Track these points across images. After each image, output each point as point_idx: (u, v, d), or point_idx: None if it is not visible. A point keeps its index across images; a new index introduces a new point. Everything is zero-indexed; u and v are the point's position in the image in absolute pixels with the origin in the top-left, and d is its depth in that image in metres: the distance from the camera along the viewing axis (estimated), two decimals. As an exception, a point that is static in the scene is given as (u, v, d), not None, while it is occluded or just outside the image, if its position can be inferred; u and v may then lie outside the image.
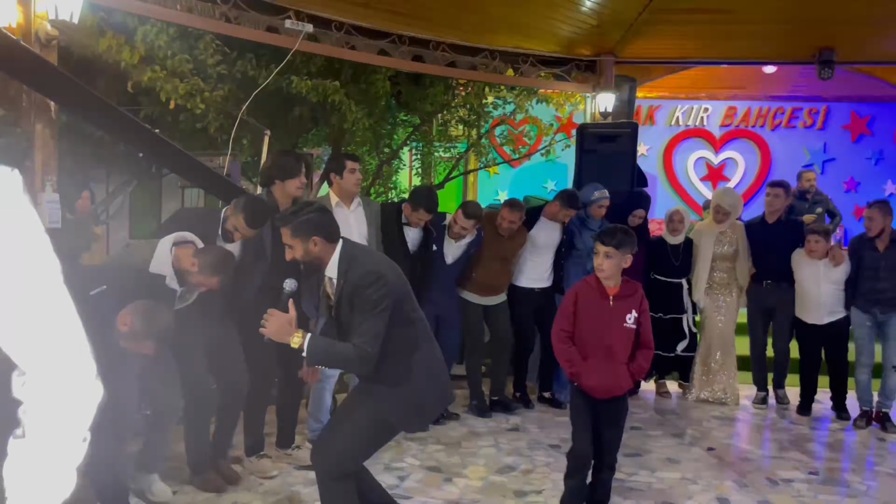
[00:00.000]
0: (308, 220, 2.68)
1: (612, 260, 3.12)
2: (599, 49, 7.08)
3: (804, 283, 5.27)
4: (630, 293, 3.19)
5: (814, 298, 5.22)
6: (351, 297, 2.64)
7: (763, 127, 11.64)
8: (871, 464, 4.47)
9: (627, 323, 3.15)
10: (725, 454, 4.52)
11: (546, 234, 5.32)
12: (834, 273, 5.16)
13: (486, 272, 5.10)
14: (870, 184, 11.23)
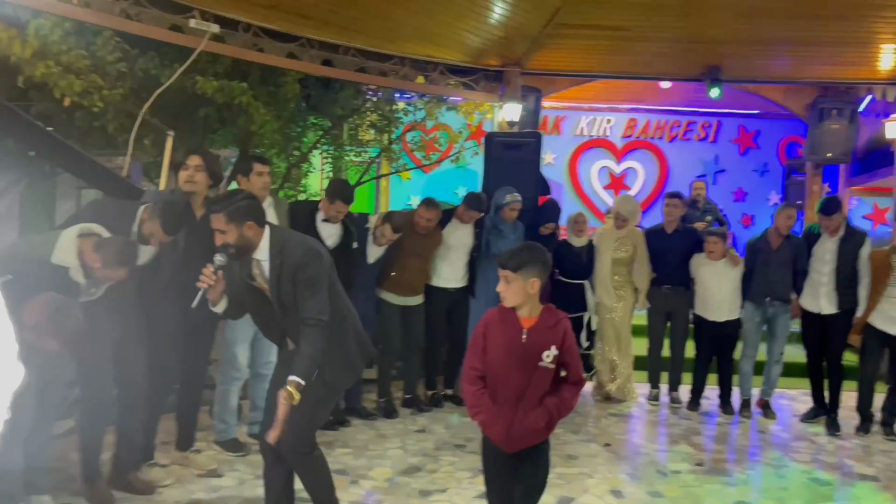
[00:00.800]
0: (242, 206, 2.81)
1: (511, 285, 2.56)
2: (506, 60, 7.30)
3: (706, 284, 5.63)
4: (550, 325, 2.59)
5: (715, 296, 5.59)
6: (292, 275, 2.80)
7: (661, 139, 12.26)
8: (752, 454, 4.80)
9: (544, 362, 2.55)
10: (620, 449, 4.76)
11: (457, 236, 5.50)
12: (732, 273, 5.56)
13: (404, 270, 5.20)
14: (756, 194, 12.03)
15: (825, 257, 5.27)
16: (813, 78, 7.62)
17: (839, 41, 6.76)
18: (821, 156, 8.12)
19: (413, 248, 5.21)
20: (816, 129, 7.96)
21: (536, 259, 2.58)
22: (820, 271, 5.29)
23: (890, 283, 5.07)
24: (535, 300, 2.61)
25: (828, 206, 5.26)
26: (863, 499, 4.02)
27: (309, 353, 2.74)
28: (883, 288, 5.10)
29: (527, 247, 2.66)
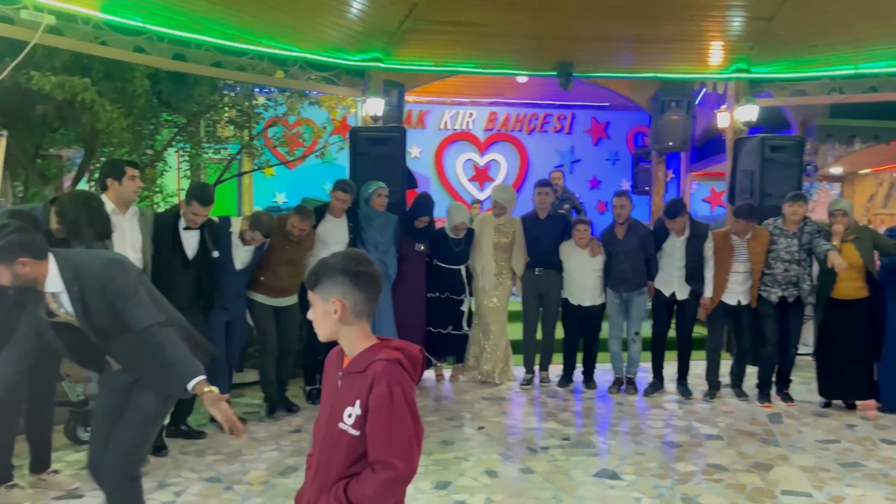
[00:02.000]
0: (8, 242, 2.50)
1: (315, 310, 1.85)
2: (367, 55, 7.29)
3: (572, 270, 5.96)
4: (360, 369, 1.80)
5: (579, 282, 5.93)
6: (102, 295, 2.58)
7: (521, 131, 12.73)
8: (613, 425, 5.14)
9: (344, 423, 1.79)
10: (494, 431, 4.94)
11: (332, 232, 5.48)
12: (593, 262, 5.91)
13: (274, 276, 5.08)
14: (609, 182, 12.78)
15: (675, 254, 5.76)
16: (654, 72, 8.17)
17: (675, 38, 7.30)
18: (663, 144, 8.74)
19: (285, 254, 5.11)
20: (659, 120, 8.56)
21: (336, 272, 1.79)
22: (671, 265, 5.78)
23: (733, 260, 5.59)
24: (355, 331, 1.83)
25: (671, 210, 5.69)
26: (710, 456, 4.41)
27: (177, 356, 2.55)
28: (728, 266, 5.61)
29: (328, 258, 1.84)
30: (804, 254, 5.45)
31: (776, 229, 5.57)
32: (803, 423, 5.10)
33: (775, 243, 5.52)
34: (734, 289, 5.63)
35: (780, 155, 6.82)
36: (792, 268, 5.45)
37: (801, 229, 5.46)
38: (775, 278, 5.50)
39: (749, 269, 5.58)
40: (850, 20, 6.58)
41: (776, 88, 7.70)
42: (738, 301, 5.64)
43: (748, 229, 5.57)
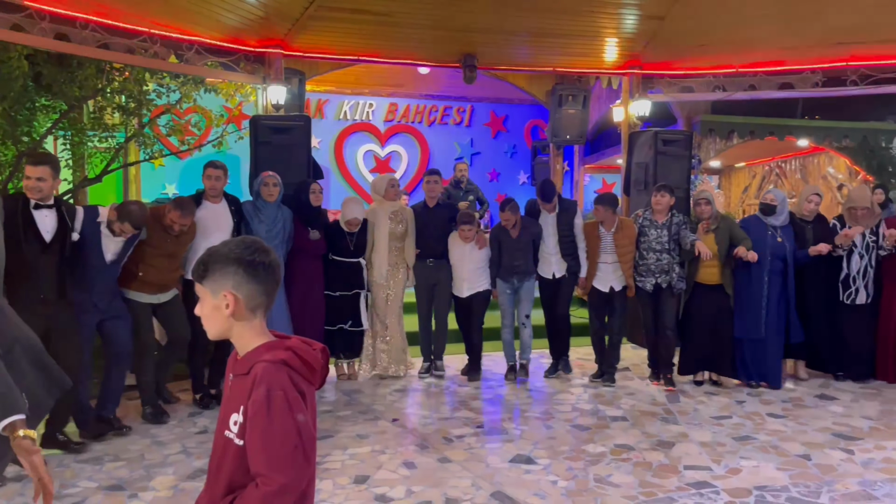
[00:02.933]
0: None
1: (203, 305, 1.65)
2: (268, 41, 7.06)
3: (455, 263, 6.04)
4: (245, 371, 1.63)
5: (460, 274, 6.02)
6: None
7: (421, 123, 12.75)
8: (524, 411, 5.26)
9: (230, 430, 1.63)
10: (408, 422, 4.93)
11: (215, 219, 5.20)
12: (476, 255, 5.99)
13: (153, 270, 4.78)
14: (508, 174, 13.05)
15: (548, 230, 5.99)
16: (551, 66, 8.39)
17: (572, 33, 7.53)
18: (561, 138, 9.01)
19: (163, 247, 4.81)
20: (556, 113, 8.81)
21: (228, 261, 1.60)
22: (547, 242, 6.00)
23: (600, 251, 5.85)
24: (249, 327, 1.64)
25: (546, 193, 5.96)
26: (617, 437, 4.60)
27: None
28: (596, 256, 5.88)
29: (219, 247, 1.65)
30: (674, 244, 5.74)
31: (646, 220, 5.83)
32: (698, 402, 5.41)
33: (646, 234, 5.78)
34: (604, 277, 5.88)
35: (671, 148, 7.18)
36: (663, 257, 5.74)
37: (670, 220, 5.76)
38: (648, 267, 5.77)
39: (616, 261, 5.82)
40: (732, 22, 7.01)
41: (666, 85, 8.09)
42: (611, 287, 5.88)
43: (610, 218, 5.79)
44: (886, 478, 3.89)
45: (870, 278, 5.83)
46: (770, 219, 5.79)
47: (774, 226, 5.78)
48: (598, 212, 5.78)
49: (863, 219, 5.79)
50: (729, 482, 3.84)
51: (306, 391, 1.62)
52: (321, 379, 1.70)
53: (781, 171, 12.98)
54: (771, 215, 5.79)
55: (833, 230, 5.89)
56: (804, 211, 5.97)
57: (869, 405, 5.30)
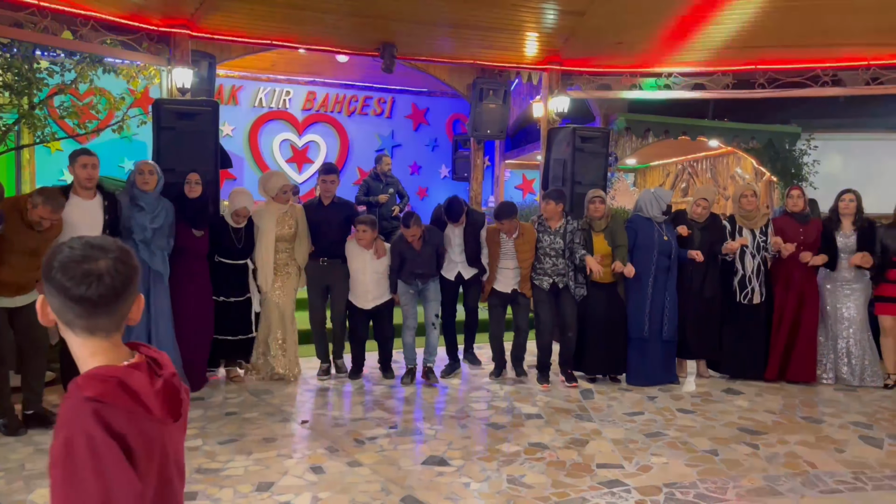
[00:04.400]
0: None
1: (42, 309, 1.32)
2: (173, 21, 6.66)
3: (355, 273, 5.78)
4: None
5: (362, 285, 5.77)
6: None
7: (340, 112, 12.45)
8: (438, 411, 5.14)
9: None
10: (318, 424, 4.73)
11: (84, 215, 4.75)
12: (377, 265, 5.77)
13: (12, 269, 4.31)
14: (429, 168, 12.93)
15: (454, 241, 5.94)
16: (472, 59, 8.31)
17: (493, 26, 7.46)
18: (482, 132, 8.95)
19: (25, 242, 4.32)
20: (477, 108, 8.74)
21: (44, 266, 1.27)
22: (453, 251, 5.95)
23: (501, 257, 5.78)
24: (78, 344, 1.31)
25: (451, 214, 5.82)
26: (531, 435, 4.55)
27: None
28: (497, 261, 5.80)
29: (61, 244, 1.29)
30: (570, 251, 5.71)
31: (540, 226, 5.80)
32: (611, 398, 5.45)
33: (540, 241, 5.75)
34: (505, 281, 5.82)
35: (589, 145, 7.22)
36: (559, 262, 5.71)
37: (564, 227, 5.72)
38: (545, 271, 5.74)
39: (517, 266, 5.77)
40: (648, 22, 7.10)
41: (585, 82, 8.15)
42: (513, 289, 5.82)
43: (512, 228, 5.70)
44: (790, 472, 3.98)
45: (763, 278, 5.93)
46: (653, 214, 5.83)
47: (661, 224, 5.83)
48: (503, 225, 5.66)
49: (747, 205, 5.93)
50: (640, 480, 3.84)
51: (135, 433, 1.24)
52: (171, 410, 1.32)
53: (693, 171, 13.39)
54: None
55: (724, 230, 5.97)
56: (693, 214, 6.02)
57: (772, 399, 5.46)
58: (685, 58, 7.67)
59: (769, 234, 5.93)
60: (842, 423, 4.86)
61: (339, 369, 6.00)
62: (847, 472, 3.98)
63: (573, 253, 5.69)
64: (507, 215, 5.66)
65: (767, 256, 5.94)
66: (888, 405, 5.34)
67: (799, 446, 4.40)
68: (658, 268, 5.77)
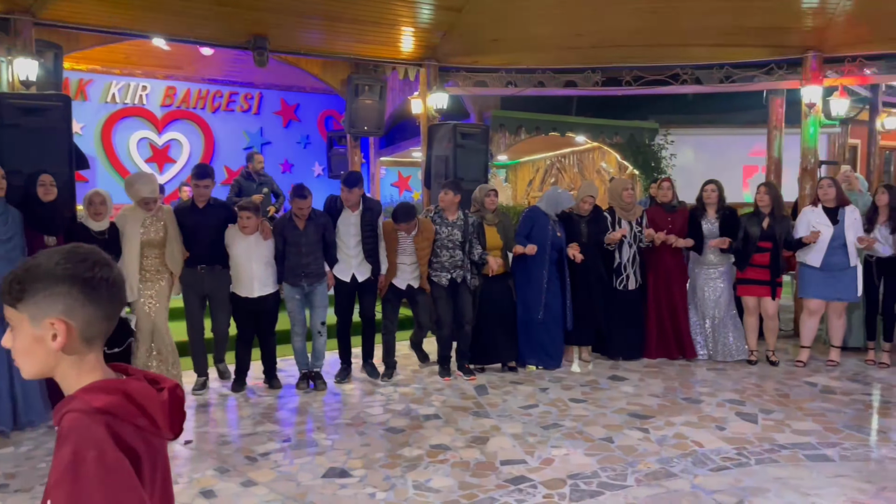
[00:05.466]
0: None
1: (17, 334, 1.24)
2: (13, 5, 5.96)
3: (238, 259, 5.42)
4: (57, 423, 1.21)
5: (247, 272, 5.42)
6: None
7: (204, 109, 11.79)
8: (331, 419, 4.94)
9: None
10: (203, 444, 4.39)
11: None
12: (263, 248, 5.45)
13: None
14: (302, 165, 12.54)
15: (350, 230, 5.65)
16: (347, 54, 8.09)
17: (367, 20, 7.28)
18: (358, 129, 8.74)
19: None
20: (353, 103, 8.51)
21: (56, 279, 1.19)
22: (347, 244, 5.67)
23: (399, 252, 5.69)
24: (79, 364, 1.23)
25: (350, 179, 5.60)
26: (432, 437, 4.46)
27: None
28: (395, 257, 5.71)
29: (41, 259, 1.21)
30: (469, 243, 5.76)
31: (438, 217, 5.79)
32: (505, 393, 5.47)
33: (438, 233, 5.74)
34: (402, 276, 5.76)
35: (469, 142, 7.24)
36: (457, 253, 5.75)
37: (465, 220, 5.77)
38: (442, 264, 5.75)
39: (415, 261, 5.74)
40: (523, 19, 7.21)
41: (462, 78, 8.16)
42: (409, 285, 5.78)
43: (411, 228, 5.62)
44: (680, 453, 4.15)
45: (638, 266, 6.30)
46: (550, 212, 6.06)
47: (554, 221, 6.04)
48: (402, 227, 5.55)
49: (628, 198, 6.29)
50: (544, 474, 3.86)
51: (143, 447, 1.19)
52: (173, 424, 1.26)
53: (561, 166, 13.88)
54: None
55: (606, 222, 6.27)
56: (580, 210, 6.22)
57: (654, 383, 5.71)
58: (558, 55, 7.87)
59: (644, 225, 6.27)
60: (719, 402, 5.15)
61: (221, 374, 5.63)
62: (731, 449, 4.21)
63: (471, 246, 5.73)
64: (406, 219, 5.55)
65: (641, 246, 6.29)
66: (755, 381, 5.74)
67: (685, 427, 4.61)
68: (550, 261, 6.01)
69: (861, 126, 12.45)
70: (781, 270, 6.28)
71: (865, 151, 12.58)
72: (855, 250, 6.02)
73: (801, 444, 4.29)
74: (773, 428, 4.58)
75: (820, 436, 4.43)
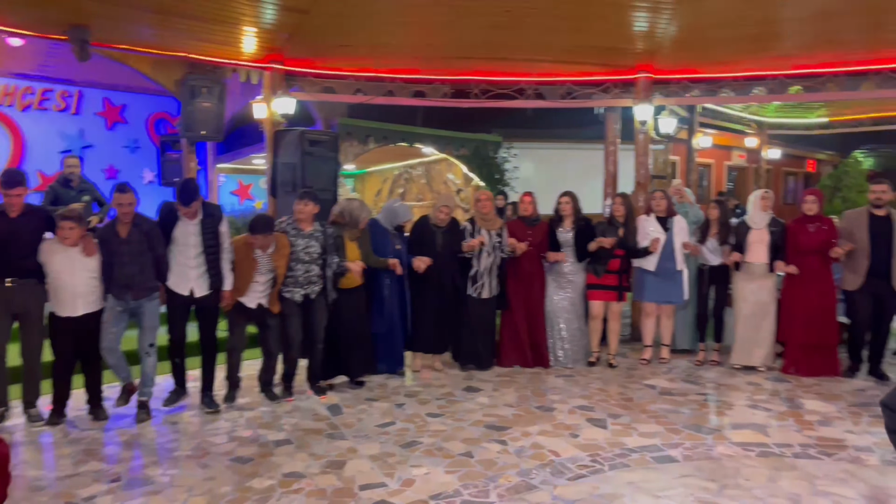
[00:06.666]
0: None
1: None
2: None
3: (59, 274, 4.80)
4: None
5: (69, 289, 4.81)
6: None
7: (12, 107, 10.52)
8: (169, 450, 4.46)
9: None
10: (14, 489, 3.76)
11: None
12: (88, 262, 4.85)
13: None
14: (129, 171, 11.51)
15: (189, 241, 5.08)
16: (184, 52, 7.52)
17: (206, 17, 6.77)
18: (196, 133, 8.13)
19: None
20: (189, 106, 7.92)
21: None
22: (186, 255, 5.10)
23: (255, 273, 5.21)
24: None
25: (186, 194, 5.00)
26: (284, 465, 4.14)
27: None
28: (250, 276, 5.22)
29: None
30: (325, 255, 5.47)
31: (293, 229, 5.43)
32: (360, 411, 5.25)
33: (294, 245, 5.38)
34: (253, 295, 5.32)
35: (318, 149, 6.97)
36: (312, 268, 5.43)
37: (324, 231, 5.49)
38: (297, 279, 5.40)
39: (272, 277, 5.35)
40: (372, 25, 7.06)
41: (308, 84, 7.86)
42: (260, 304, 5.35)
43: (268, 243, 5.24)
44: (539, 464, 4.16)
45: (494, 275, 6.37)
46: (388, 225, 6.08)
47: (393, 232, 6.06)
48: (258, 240, 5.13)
49: (483, 208, 6.39)
50: (405, 496, 3.69)
51: None
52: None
53: (409, 177, 13.88)
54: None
55: (463, 232, 6.33)
56: (436, 220, 6.22)
57: (507, 392, 5.75)
58: (408, 64, 7.80)
59: (504, 236, 6.36)
60: (570, 409, 5.27)
61: (32, 419, 4.90)
62: (585, 456, 4.29)
63: (330, 259, 5.49)
64: (264, 230, 5.14)
65: (503, 256, 6.36)
66: (600, 386, 5.96)
67: (541, 437, 4.64)
68: (392, 273, 5.98)
69: (680, 144, 13.57)
70: (630, 276, 6.65)
71: (684, 167, 13.73)
72: (682, 257, 6.49)
73: (648, 446, 4.46)
74: (622, 432, 4.73)
75: (664, 437, 4.63)
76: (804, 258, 6.16)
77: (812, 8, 6.44)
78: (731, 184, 18.22)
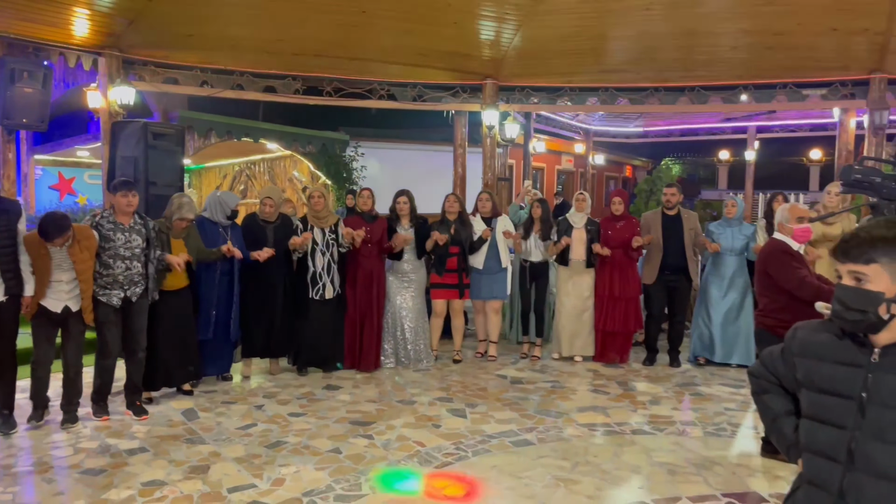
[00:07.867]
0: None
1: None
2: None
3: None
4: None
5: None
6: None
7: None
8: (7, 467, 4.06)
9: None
10: None
11: None
12: None
13: None
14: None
15: None
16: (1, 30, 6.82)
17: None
18: (16, 121, 7.41)
19: None
20: (9, 91, 7.19)
21: None
22: None
23: (53, 269, 4.65)
24: None
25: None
26: (141, 474, 3.93)
27: None
28: (48, 275, 4.65)
29: None
30: (149, 250, 5.05)
31: (109, 223, 4.91)
32: (218, 414, 5.09)
33: (110, 240, 4.83)
34: (57, 297, 4.73)
35: (162, 143, 6.61)
36: (135, 265, 4.94)
37: (144, 224, 5.04)
38: (115, 279, 4.85)
39: (74, 278, 4.74)
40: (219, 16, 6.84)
41: (150, 73, 7.42)
42: (66, 307, 4.75)
43: (65, 241, 4.59)
44: (406, 455, 4.29)
45: (334, 273, 6.24)
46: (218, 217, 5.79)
47: (226, 228, 5.79)
48: (57, 242, 4.54)
49: (316, 205, 6.28)
50: (278, 495, 3.68)
51: None
52: None
53: (251, 173, 13.45)
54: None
55: (296, 230, 6.14)
56: (263, 214, 6.03)
57: (368, 388, 5.82)
58: (259, 59, 7.61)
59: (339, 233, 6.25)
60: (430, 401, 5.45)
61: None
62: (450, 445, 4.48)
63: (151, 254, 5.02)
64: (59, 233, 4.50)
65: (341, 251, 6.24)
66: (456, 378, 6.20)
67: (405, 429, 4.78)
68: (221, 271, 5.73)
69: (517, 148, 14.32)
70: (469, 273, 6.83)
71: (521, 170, 14.52)
72: (506, 255, 6.83)
73: (506, 432, 4.74)
74: (481, 420, 4.99)
75: (518, 422, 4.95)
76: (612, 253, 6.69)
77: (636, 28, 7.14)
78: (561, 186, 19.53)
